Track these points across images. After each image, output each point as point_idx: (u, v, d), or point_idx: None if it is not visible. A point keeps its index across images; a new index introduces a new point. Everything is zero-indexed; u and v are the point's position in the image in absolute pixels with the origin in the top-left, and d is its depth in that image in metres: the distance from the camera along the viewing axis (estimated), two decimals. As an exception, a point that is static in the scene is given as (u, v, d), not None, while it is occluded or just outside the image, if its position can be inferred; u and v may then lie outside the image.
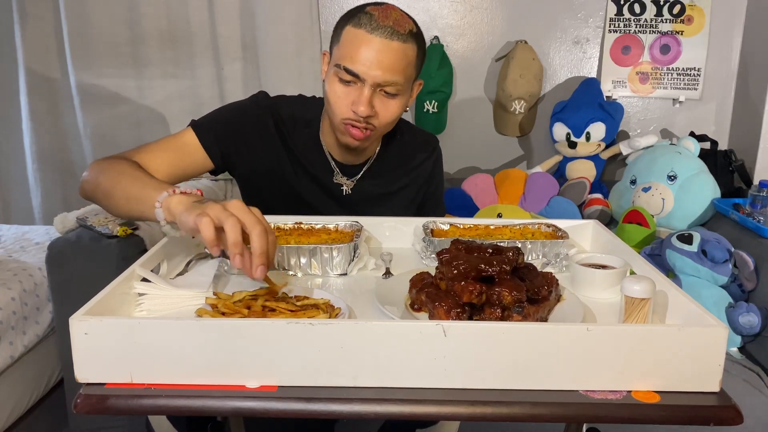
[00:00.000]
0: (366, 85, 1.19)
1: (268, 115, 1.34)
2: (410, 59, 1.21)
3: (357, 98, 1.20)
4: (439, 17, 2.27)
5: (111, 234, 1.60)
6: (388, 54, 1.17)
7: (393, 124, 1.28)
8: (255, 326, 0.77)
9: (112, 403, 0.75)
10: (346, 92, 1.21)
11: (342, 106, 1.22)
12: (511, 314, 0.85)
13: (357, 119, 1.22)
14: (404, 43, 1.18)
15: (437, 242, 1.13)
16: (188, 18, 2.28)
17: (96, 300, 0.82)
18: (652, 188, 2.01)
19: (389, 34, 1.16)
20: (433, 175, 1.50)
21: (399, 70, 1.19)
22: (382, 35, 1.16)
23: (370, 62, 1.16)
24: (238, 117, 1.34)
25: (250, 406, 0.76)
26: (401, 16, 1.20)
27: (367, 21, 1.17)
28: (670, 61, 2.26)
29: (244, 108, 1.36)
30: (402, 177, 1.45)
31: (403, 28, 1.18)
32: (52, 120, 2.39)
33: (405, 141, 1.45)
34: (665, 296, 0.92)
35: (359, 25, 1.17)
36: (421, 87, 1.33)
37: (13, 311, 1.75)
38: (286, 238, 1.15)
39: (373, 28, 1.16)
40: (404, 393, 0.76)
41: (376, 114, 1.22)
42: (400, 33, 1.17)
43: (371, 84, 1.18)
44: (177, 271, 1.07)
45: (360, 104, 1.19)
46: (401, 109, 1.26)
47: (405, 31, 1.18)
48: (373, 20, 1.17)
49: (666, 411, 0.75)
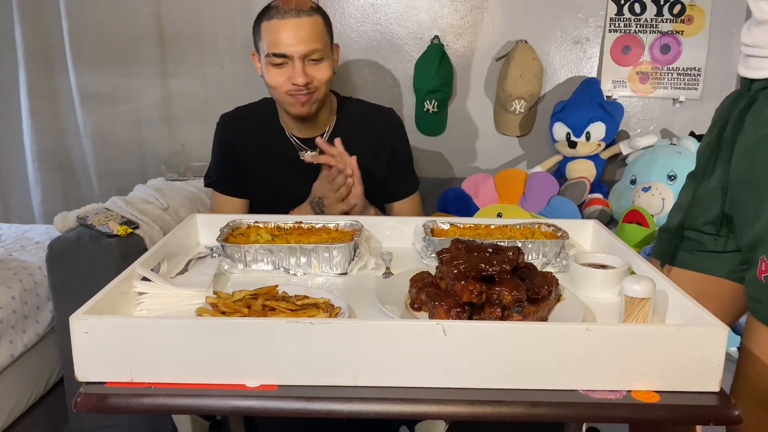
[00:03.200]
0: (295, 60, 1.40)
1: (227, 133, 1.58)
2: (320, 27, 1.43)
3: (292, 73, 1.41)
4: (440, 17, 2.27)
5: (111, 233, 1.60)
6: (301, 29, 1.39)
7: (328, 85, 1.48)
8: (255, 325, 0.77)
9: (112, 402, 0.75)
10: (282, 72, 1.42)
11: (281, 83, 1.43)
12: (511, 314, 0.85)
13: (298, 89, 1.42)
14: (311, 17, 1.41)
15: (437, 242, 1.13)
16: (189, 18, 2.28)
17: (96, 299, 0.82)
18: (652, 188, 2.01)
19: (296, 13, 1.39)
20: (392, 142, 1.61)
21: (316, 39, 1.41)
22: (291, 16, 1.39)
23: (290, 40, 1.39)
24: (222, 151, 1.59)
25: (249, 405, 0.76)
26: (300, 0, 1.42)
27: (275, 12, 1.40)
28: (670, 61, 2.26)
29: (218, 140, 1.59)
30: (362, 144, 1.52)
31: (305, 5, 1.41)
32: (53, 119, 2.39)
33: (361, 112, 1.62)
34: (665, 296, 0.92)
35: (271, 17, 1.41)
36: (338, 50, 1.54)
37: (14, 310, 1.75)
38: (286, 237, 1.15)
39: (283, 14, 1.39)
40: (404, 392, 0.76)
41: (312, 79, 1.42)
42: (304, 10, 1.40)
43: (299, 57, 1.40)
44: (177, 270, 1.07)
45: (297, 76, 1.40)
46: (330, 70, 1.46)
47: (307, 8, 1.41)
48: (279, 9, 1.40)
49: (666, 411, 0.75)
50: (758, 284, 1.00)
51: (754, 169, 1.01)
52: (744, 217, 1.05)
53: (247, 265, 1.10)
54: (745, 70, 1.07)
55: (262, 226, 1.19)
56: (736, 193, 1.06)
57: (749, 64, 1.07)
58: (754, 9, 1.02)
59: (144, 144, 2.39)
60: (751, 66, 1.06)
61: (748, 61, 1.07)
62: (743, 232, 1.05)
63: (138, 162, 2.40)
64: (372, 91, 2.32)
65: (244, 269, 1.10)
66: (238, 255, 1.09)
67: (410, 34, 2.28)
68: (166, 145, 2.37)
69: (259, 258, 1.10)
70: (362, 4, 2.25)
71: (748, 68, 1.07)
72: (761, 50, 1.03)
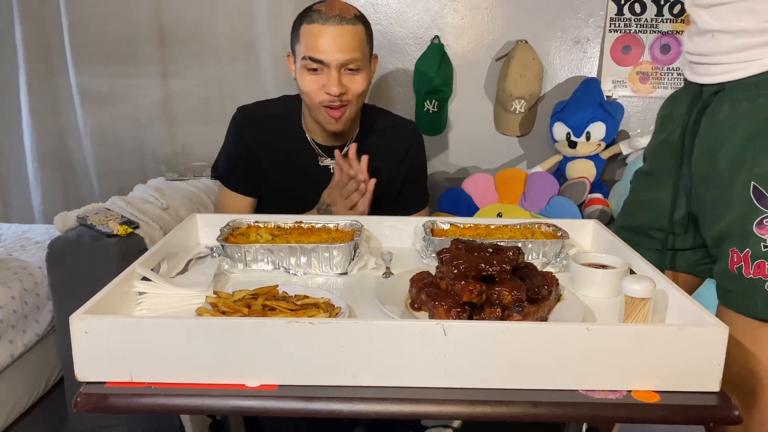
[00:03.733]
0: (332, 68, 1.36)
1: (244, 128, 1.52)
2: (361, 37, 1.39)
3: (327, 81, 1.37)
4: (440, 17, 2.27)
5: (111, 233, 1.60)
6: (342, 37, 1.35)
7: (364, 97, 1.45)
8: (255, 325, 0.77)
9: (112, 401, 0.75)
10: (317, 79, 1.38)
11: (316, 92, 1.38)
12: (511, 314, 0.85)
13: (332, 100, 1.38)
14: (353, 26, 1.37)
15: (437, 241, 1.13)
16: (189, 17, 2.28)
17: (96, 299, 0.82)
18: (652, 188, 2.01)
19: (339, 21, 1.35)
20: (412, 157, 1.59)
21: (355, 48, 1.37)
22: (333, 23, 1.35)
23: (330, 47, 1.35)
24: (237, 147, 1.53)
25: (249, 405, 0.76)
26: (344, 5, 1.39)
27: (317, 16, 1.36)
28: (670, 61, 2.26)
29: (233, 134, 1.54)
30: (383, 156, 1.52)
31: (349, 13, 1.38)
32: (53, 119, 2.39)
33: (384, 124, 1.58)
34: (665, 296, 0.92)
35: (312, 21, 1.36)
36: (377, 61, 1.50)
37: (13, 310, 1.75)
38: (287, 237, 1.15)
39: (325, 19, 1.35)
40: (404, 392, 0.76)
41: (347, 90, 1.38)
42: (348, 18, 1.36)
43: (336, 66, 1.36)
44: (177, 270, 1.07)
45: (331, 85, 1.36)
46: (367, 82, 1.43)
47: (351, 16, 1.37)
48: (322, 14, 1.36)
49: (666, 411, 0.75)
50: (730, 275, 1.05)
51: (716, 168, 1.05)
52: (709, 214, 1.09)
53: (247, 265, 1.10)
54: (693, 75, 1.12)
55: (262, 225, 1.19)
56: (701, 191, 1.10)
57: (696, 70, 1.11)
58: (697, 19, 1.06)
59: (144, 144, 2.39)
60: (699, 72, 1.10)
61: (694, 68, 1.11)
62: (710, 227, 1.09)
63: (138, 162, 2.40)
64: (372, 91, 2.32)
65: (244, 269, 1.10)
66: (239, 255, 1.09)
67: (410, 34, 2.28)
68: (166, 144, 2.37)
69: (260, 258, 1.10)
70: (362, 4, 2.25)
71: (695, 74, 1.11)
72: (706, 57, 1.06)
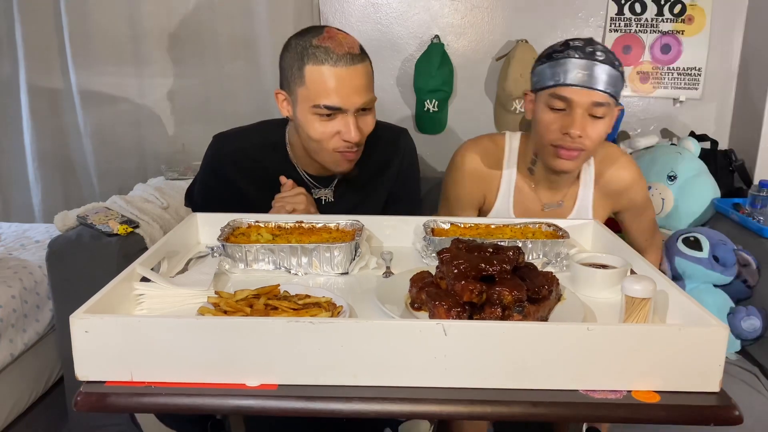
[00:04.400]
0: (349, 114, 1.23)
1: (225, 161, 1.38)
2: (371, 74, 1.28)
3: (344, 127, 1.24)
4: (440, 16, 2.27)
5: (111, 232, 1.60)
6: (357, 79, 1.22)
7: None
8: (255, 325, 0.77)
9: (112, 401, 0.75)
10: (331, 125, 1.24)
11: (329, 138, 1.26)
12: (512, 314, 0.85)
13: (349, 147, 1.26)
14: (363, 63, 1.24)
15: (438, 241, 1.13)
16: (189, 17, 2.27)
17: (96, 298, 0.82)
18: (652, 188, 2.01)
19: (350, 60, 1.21)
20: (400, 174, 1.48)
21: (370, 88, 1.26)
22: (345, 64, 1.20)
23: (346, 92, 1.21)
24: (216, 181, 1.40)
25: (250, 405, 0.76)
26: (346, 37, 1.24)
27: (325, 56, 1.20)
28: (670, 61, 2.26)
29: (211, 167, 1.41)
30: (376, 176, 1.45)
31: (356, 48, 1.24)
32: (53, 118, 2.38)
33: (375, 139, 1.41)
34: (665, 296, 0.92)
35: (320, 62, 1.20)
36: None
37: (14, 309, 1.75)
38: (288, 237, 1.15)
39: (335, 60, 1.20)
40: (404, 392, 0.76)
41: (362, 134, 1.27)
42: (357, 54, 1.23)
43: (353, 111, 1.23)
44: (177, 269, 1.07)
45: (350, 132, 1.23)
46: (374, 120, 1.31)
47: (359, 51, 1.24)
48: (330, 52, 1.20)
49: (666, 411, 0.76)
50: None
51: None
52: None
53: (248, 265, 1.10)
54: None
55: (263, 225, 1.19)
56: None
57: None
58: None
59: (144, 143, 2.39)
60: None
61: None
62: None
63: (138, 161, 2.40)
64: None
65: (245, 269, 1.10)
66: (239, 255, 1.09)
67: (410, 33, 2.28)
68: (167, 144, 2.37)
69: (260, 258, 1.10)
70: (362, 3, 2.25)
71: None
72: None
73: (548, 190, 1.49)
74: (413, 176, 1.53)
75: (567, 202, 1.49)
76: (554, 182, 1.48)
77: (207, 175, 1.43)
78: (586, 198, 1.50)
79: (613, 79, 1.31)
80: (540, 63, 1.38)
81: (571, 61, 1.31)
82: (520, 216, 1.48)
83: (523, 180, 1.50)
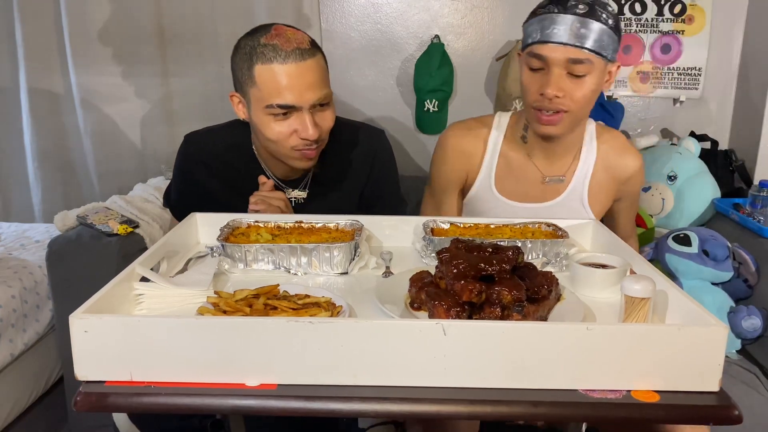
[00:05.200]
0: (304, 111, 1.21)
1: (192, 163, 1.39)
2: (324, 68, 1.24)
3: (300, 125, 1.21)
4: (440, 16, 2.27)
5: (111, 232, 1.60)
6: (309, 74, 1.19)
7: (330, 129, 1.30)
8: (255, 324, 0.77)
9: (111, 401, 0.76)
10: (286, 124, 1.22)
11: (286, 137, 1.23)
12: (511, 313, 0.85)
13: (308, 144, 1.24)
14: (314, 57, 1.21)
15: (437, 241, 1.13)
16: (189, 16, 2.28)
17: (96, 298, 0.82)
18: (652, 188, 2.01)
19: (299, 56, 1.18)
20: (378, 168, 1.45)
21: (324, 82, 1.23)
22: (295, 60, 1.17)
23: (299, 89, 1.18)
24: (185, 182, 1.42)
25: (249, 405, 0.76)
26: (295, 33, 1.21)
27: (273, 54, 1.17)
28: (670, 61, 2.26)
29: (180, 168, 1.42)
30: (348, 177, 1.43)
31: (305, 43, 1.20)
32: (53, 118, 2.38)
33: (347, 138, 1.42)
34: (665, 296, 0.92)
35: (269, 60, 1.18)
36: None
37: (14, 309, 1.75)
38: (287, 237, 1.15)
39: (284, 57, 1.17)
40: (404, 392, 0.76)
41: (321, 130, 1.24)
42: (307, 49, 1.19)
43: (308, 108, 1.21)
44: (177, 269, 1.07)
45: (307, 129, 1.21)
46: (334, 113, 1.29)
47: (309, 46, 1.21)
48: (278, 50, 1.17)
49: (665, 410, 0.76)
50: None
51: None
52: None
53: (247, 265, 1.10)
54: None
55: (263, 225, 1.19)
56: None
57: None
58: None
59: (144, 143, 2.39)
60: None
61: None
62: None
63: (138, 161, 2.40)
64: (372, 90, 2.32)
65: (244, 269, 1.10)
66: (239, 254, 1.09)
67: (410, 33, 2.28)
68: (166, 144, 2.37)
69: (260, 257, 1.10)
70: (362, 3, 2.25)
71: None
72: None
73: (546, 160, 1.43)
74: (389, 176, 1.50)
75: (567, 178, 1.44)
76: (549, 151, 1.41)
77: (176, 174, 1.44)
78: (583, 174, 1.44)
79: (597, 34, 1.22)
80: (525, 21, 1.33)
81: (549, 17, 1.24)
82: (510, 188, 1.44)
83: (516, 150, 1.44)
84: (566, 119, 1.30)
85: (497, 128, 1.46)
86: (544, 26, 1.25)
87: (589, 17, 1.22)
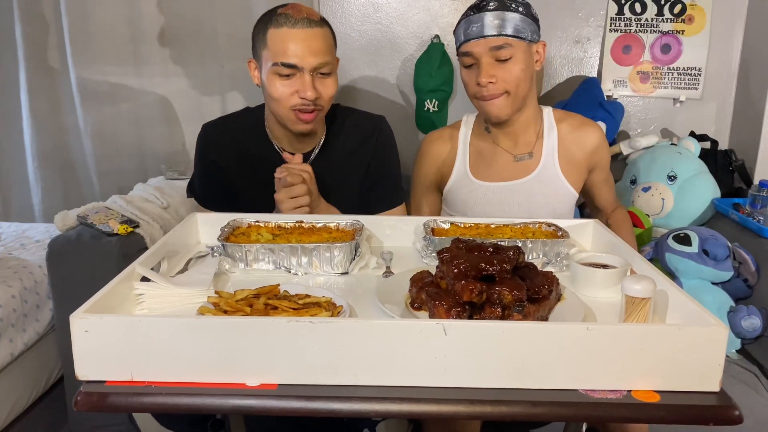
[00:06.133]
0: (305, 72, 1.32)
1: (210, 147, 1.50)
2: (330, 40, 1.38)
3: (301, 86, 1.33)
4: (440, 16, 2.27)
5: (111, 232, 1.60)
6: (314, 40, 1.32)
7: (332, 101, 1.42)
8: (255, 324, 0.77)
9: (112, 400, 0.75)
10: (289, 84, 1.34)
11: (288, 97, 1.34)
12: (512, 313, 0.85)
13: (305, 104, 1.34)
14: (322, 28, 1.35)
15: (438, 241, 1.13)
16: (189, 16, 2.28)
17: (96, 298, 0.82)
18: (652, 188, 2.01)
19: (308, 23, 1.32)
20: (379, 152, 1.54)
21: (327, 51, 1.35)
22: (303, 26, 1.31)
23: (302, 51, 1.31)
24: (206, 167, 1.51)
25: (250, 404, 0.76)
26: (309, 9, 1.36)
27: (284, 20, 1.32)
28: (670, 61, 2.26)
29: (200, 155, 1.52)
30: (351, 156, 1.51)
31: (316, 16, 1.35)
32: (53, 118, 2.38)
33: (350, 123, 1.55)
34: (665, 296, 0.92)
35: (280, 25, 1.32)
36: (338, 63, 1.43)
37: (14, 309, 1.75)
38: (287, 237, 1.15)
39: (293, 23, 1.31)
40: (404, 391, 0.76)
41: (320, 94, 1.35)
42: (316, 20, 1.34)
43: (309, 70, 1.32)
44: (177, 269, 1.07)
45: (306, 90, 1.32)
46: (336, 85, 1.40)
47: (318, 18, 1.35)
48: (289, 17, 1.32)
49: (666, 410, 0.76)
50: None
51: None
52: None
53: (248, 265, 1.10)
54: None
55: (263, 225, 1.19)
56: None
57: None
58: None
59: (144, 143, 2.39)
60: None
61: None
62: None
63: (138, 161, 2.40)
64: (372, 90, 2.32)
65: (245, 269, 1.10)
66: (239, 254, 1.09)
67: (410, 33, 2.28)
68: (167, 143, 2.37)
69: (260, 257, 1.10)
70: (362, 3, 2.25)
71: None
72: None
73: (511, 142, 1.56)
74: (390, 156, 1.58)
75: (536, 154, 1.56)
76: (510, 134, 1.55)
77: (197, 162, 1.54)
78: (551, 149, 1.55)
79: (510, 21, 1.40)
80: (453, 31, 1.52)
81: (468, 19, 1.44)
82: (485, 172, 1.56)
83: (484, 140, 1.58)
84: (507, 100, 1.45)
85: (465, 125, 1.63)
86: (466, 28, 1.44)
87: (500, 10, 1.41)
